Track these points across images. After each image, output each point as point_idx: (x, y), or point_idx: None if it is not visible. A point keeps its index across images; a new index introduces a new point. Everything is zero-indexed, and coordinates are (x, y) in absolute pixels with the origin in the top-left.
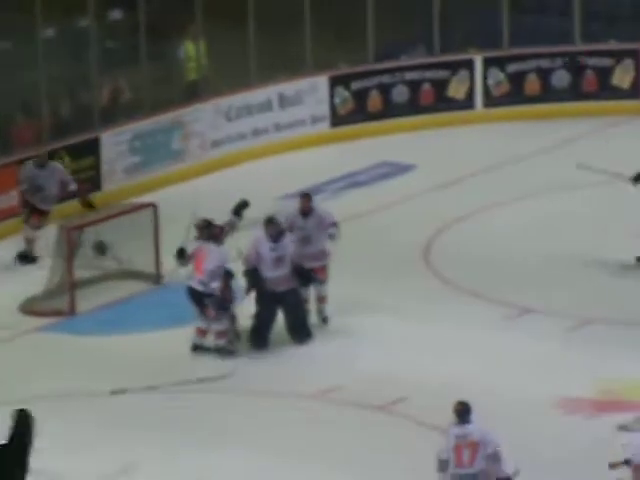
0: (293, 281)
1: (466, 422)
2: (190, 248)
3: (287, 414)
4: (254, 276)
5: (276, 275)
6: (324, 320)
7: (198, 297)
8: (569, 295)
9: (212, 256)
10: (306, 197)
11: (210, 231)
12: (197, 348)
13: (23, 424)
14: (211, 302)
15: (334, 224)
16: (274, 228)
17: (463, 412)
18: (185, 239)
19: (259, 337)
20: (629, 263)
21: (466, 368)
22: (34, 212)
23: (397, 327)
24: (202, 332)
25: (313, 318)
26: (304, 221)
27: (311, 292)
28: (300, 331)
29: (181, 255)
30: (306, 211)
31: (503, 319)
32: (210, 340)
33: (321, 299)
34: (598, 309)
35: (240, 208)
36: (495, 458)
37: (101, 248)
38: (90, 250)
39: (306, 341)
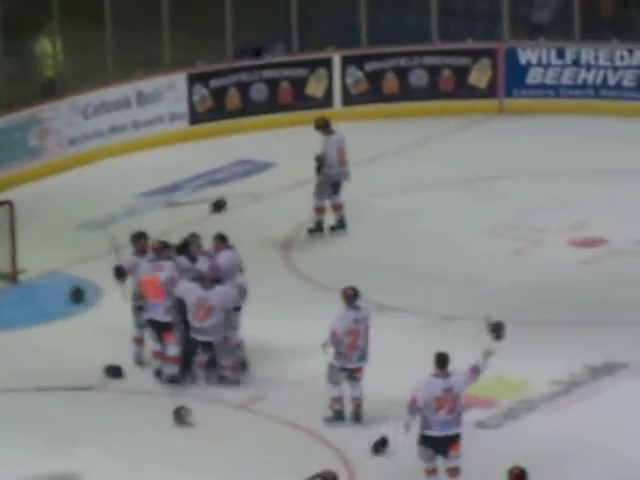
0: None
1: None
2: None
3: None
4: None
5: None
6: None
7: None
8: (427, 292)
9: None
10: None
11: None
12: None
13: None
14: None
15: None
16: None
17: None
18: (116, 256)
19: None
20: (485, 260)
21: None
22: None
23: (257, 322)
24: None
25: None
26: None
27: None
28: None
29: (119, 273)
30: None
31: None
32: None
33: None
34: (457, 306)
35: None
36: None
37: None
38: None
39: None
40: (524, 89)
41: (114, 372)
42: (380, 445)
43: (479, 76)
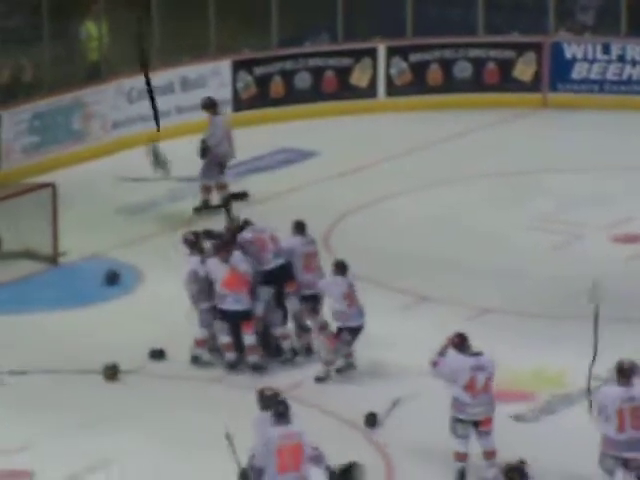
0: None
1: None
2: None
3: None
4: None
5: None
6: None
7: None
8: (467, 284)
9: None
10: None
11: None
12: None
13: None
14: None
15: None
16: None
17: None
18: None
19: None
20: (526, 253)
21: (367, 355)
22: None
23: None
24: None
25: None
26: None
27: None
28: None
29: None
30: None
31: (402, 307)
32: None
33: None
34: (496, 299)
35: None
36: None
37: None
38: None
39: None
40: (569, 84)
41: (158, 355)
42: (371, 419)
43: (524, 69)
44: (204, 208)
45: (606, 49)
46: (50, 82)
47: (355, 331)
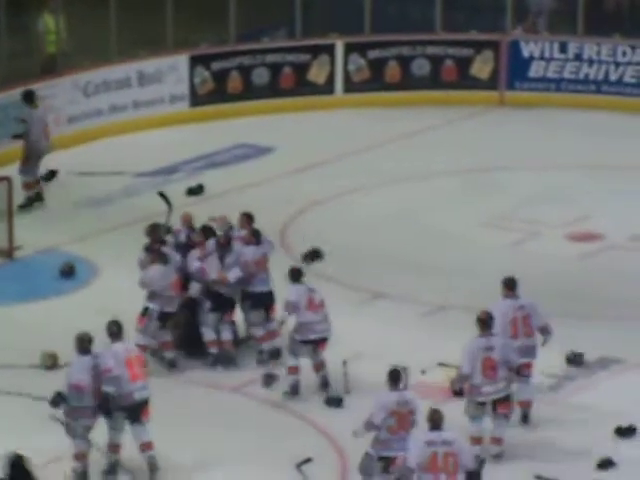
0: None
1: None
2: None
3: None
4: None
5: None
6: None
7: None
8: (423, 281)
9: None
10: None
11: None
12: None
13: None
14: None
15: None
16: None
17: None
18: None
19: None
20: (482, 251)
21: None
22: None
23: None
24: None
25: None
26: None
27: None
28: None
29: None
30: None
31: (356, 304)
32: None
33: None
34: (452, 296)
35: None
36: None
37: None
38: None
39: None
40: (526, 82)
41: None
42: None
43: (481, 67)
44: (29, 204)
45: (563, 48)
46: (5, 76)
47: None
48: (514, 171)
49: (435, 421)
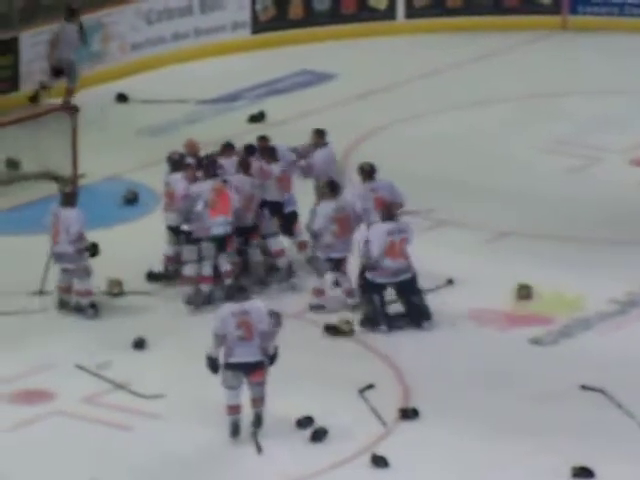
0: None
1: None
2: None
3: None
4: None
5: None
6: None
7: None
8: (484, 208)
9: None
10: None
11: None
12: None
13: None
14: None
15: None
16: None
17: None
18: None
19: None
20: (544, 177)
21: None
22: None
23: None
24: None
25: None
26: None
27: None
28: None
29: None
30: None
31: (419, 230)
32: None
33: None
34: (514, 222)
35: None
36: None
37: (13, 164)
38: (2, 166)
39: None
40: (589, 6)
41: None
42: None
43: None
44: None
45: None
46: (69, 3)
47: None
48: (576, 96)
49: (389, 213)
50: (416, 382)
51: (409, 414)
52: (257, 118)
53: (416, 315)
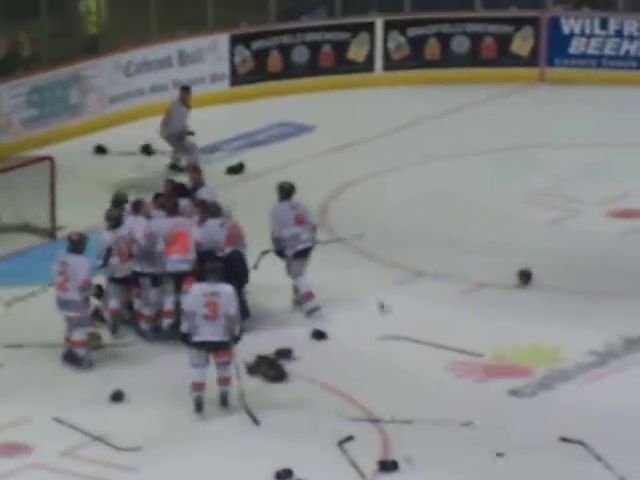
0: None
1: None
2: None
3: None
4: None
5: None
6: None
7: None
8: (462, 259)
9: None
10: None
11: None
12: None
13: None
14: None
15: None
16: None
17: None
18: None
19: None
20: (522, 228)
21: (361, 329)
22: None
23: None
24: None
25: None
26: None
27: None
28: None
29: None
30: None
31: (397, 282)
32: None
33: None
34: (493, 274)
35: None
36: None
37: None
38: None
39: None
40: (566, 58)
41: None
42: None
43: (521, 44)
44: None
45: (604, 24)
46: (48, 56)
47: None
48: (554, 148)
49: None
50: (395, 434)
51: (388, 466)
52: (236, 170)
53: None
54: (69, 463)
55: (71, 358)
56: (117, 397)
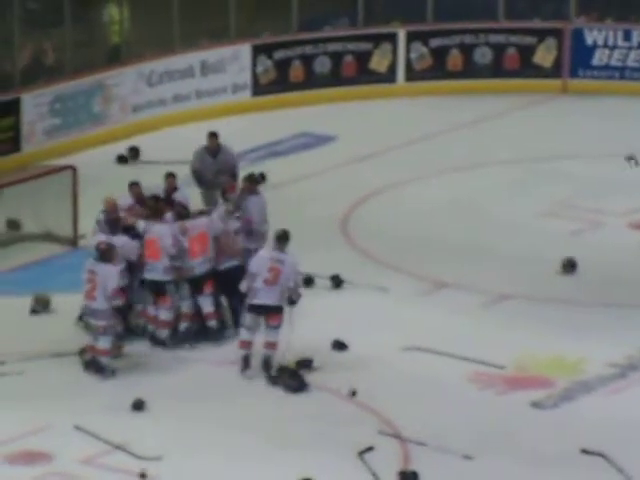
0: None
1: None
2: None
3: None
4: None
5: None
6: None
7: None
8: (485, 270)
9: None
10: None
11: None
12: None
13: None
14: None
15: None
16: None
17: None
18: None
19: None
20: (543, 240)
21: (384, 341)
22: None
23: (315, 299)
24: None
25: None
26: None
27: None
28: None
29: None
30: None
31: (419, 293)
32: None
33: None
34: (514, 285)
35: None
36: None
37: (14, 225)
38: (3, 226)
39: None
40: (589, 70)
41: None
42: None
43: (544, 55)
44: None
45: (627, 36)
46: (71, 65)
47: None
48: (577, 159)
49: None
50: (416, 445)
51: (408, 477)
52: (257, 180)
53: None
54: (90, 471)
55: (94, 366)
56: (138, 406)
